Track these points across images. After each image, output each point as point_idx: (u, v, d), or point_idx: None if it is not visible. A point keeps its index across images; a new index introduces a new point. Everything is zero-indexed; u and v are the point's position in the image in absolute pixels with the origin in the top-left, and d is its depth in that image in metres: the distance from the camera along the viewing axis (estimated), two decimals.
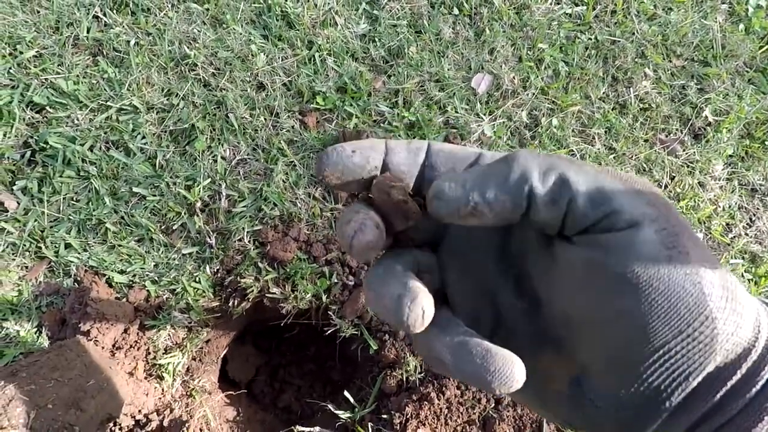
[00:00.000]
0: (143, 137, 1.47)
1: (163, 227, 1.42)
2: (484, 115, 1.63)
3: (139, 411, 1.18)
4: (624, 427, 0.26)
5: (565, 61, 1.74)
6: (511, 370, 0.25)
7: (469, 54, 1.69)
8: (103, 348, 1.20)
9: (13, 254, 1.34)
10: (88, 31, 1.55)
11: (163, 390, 1.29)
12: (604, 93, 1.72)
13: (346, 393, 1.36)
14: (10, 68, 1.47)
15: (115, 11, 1.59)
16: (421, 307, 0.26)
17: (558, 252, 0.28)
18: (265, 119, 1.53)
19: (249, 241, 1.41)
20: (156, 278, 1.37)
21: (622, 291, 0.24)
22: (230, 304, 1.38)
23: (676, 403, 0.24)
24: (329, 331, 1.37)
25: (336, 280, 1.38)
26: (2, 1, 1.53)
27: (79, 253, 1.36)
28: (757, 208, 1.66)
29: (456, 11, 1.75)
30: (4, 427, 0.89)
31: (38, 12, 1.55)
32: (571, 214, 0.26)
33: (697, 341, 0.23)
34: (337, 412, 1.33)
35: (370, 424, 1.30)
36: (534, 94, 1.67)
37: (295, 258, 1.38)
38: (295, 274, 1.37)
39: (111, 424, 1.10)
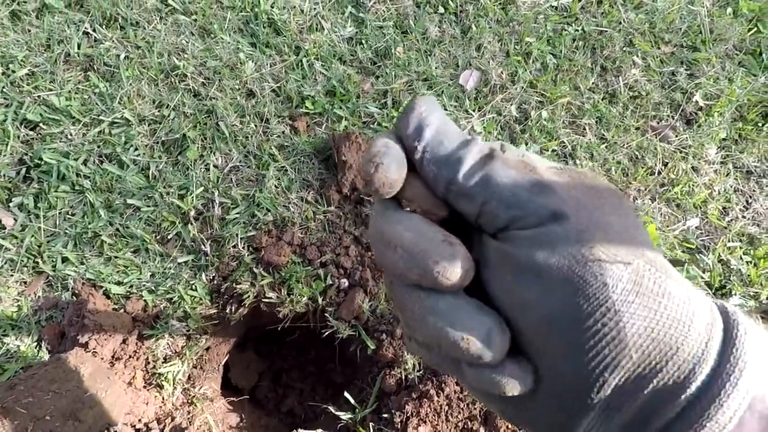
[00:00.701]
0: (136, 149, 1.48)
1: (158, 237, 1.43)
2: (474, 111, 1.63)
3: (139, 420, 1.18)
4: (555, 426, 0.25)
5: (552, 53, 1.74)
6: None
7: (456, 51, 1.70)
8: (102, 359, 1.21)
9: (11, 270, 1.36)
10: (78, 48, 1.57)
11: (163, 399, 1.30)
12: (593, 83, 1.72)
13: (346, 394, 1.36)
14: (3, 87, 1.49)
15: (104, 26, 1.61)
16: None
17: (482, 239, 0.28)
18: (255, 126, 1.55)
19: (243, 247, 1.41)
20: (153, 288, 1.38)
21: (527, 281, 0.25)
22: (227, 310, 1.39)
23: (602, 399, 0.23)
24: (327, 333, 1.37)
25: (331, 282, 1.38)
26: None
27: (76, 267, 1.37)
28: (753, 190, 1.65)
29: (441, 9, 1.76)
30: None
31: (29, 31, 1.57)
32: (484, 213, 0.26)
33: (602, 334, 0.23)
34: (338, 413, 1.33)
35: (371, 424, 1.30)
36: (523, 87, 1.67)
37: (289, 262, 1.39)
38: (290, 278, 1.38)
39: None
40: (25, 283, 1.36)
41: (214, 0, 1.67)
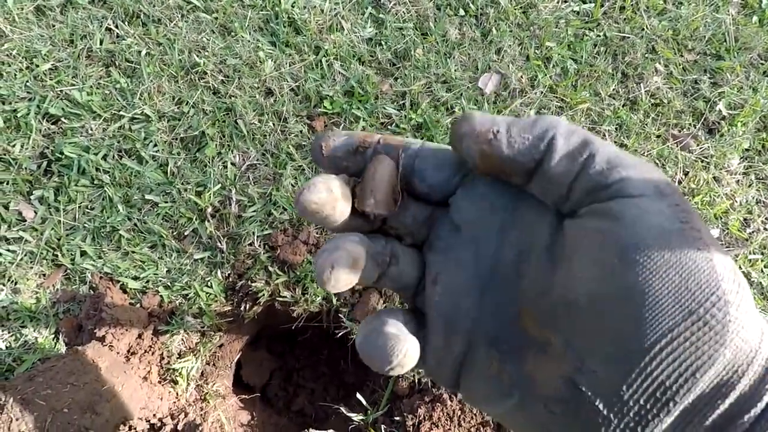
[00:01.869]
0: (155, 145, 1.49)
1: (175, 233, 1.43)
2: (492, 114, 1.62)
3: (154, 415, 1.19)
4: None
5: (573, 58, 1.73)
6: (397, 346, 0.27)
7: (476, 54, 1.69)
8: (118, 353, 1.22)
9: (31, 262, 1.38)
10: (101, 43, 1.59)
11: (177, 394, 1.31)
12: (614, 89, 1.70)
13: (358, 395, 1.36)
14: (27, 81, 1.51)
15: (127, 23, 1.62)
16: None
17: (566, 231, 0.27)
18: (273, 124, 1.55)
19: (259, 246, 1.42)
20: (169, 284, 1.39)
21: (633, 263, 0.23)
22: (242, 308, 1.39)
23: (683, 407, 0.22)
24: (340, 334, 1.37)
25: None
26: (20, 17, 1.58)
27: (94, 261, 1.39)
28: None
29: (462, 12, 1.75)
30: (22, 431, 0.90)
31: (53, 26, 1.59)
32: (585, 173, 0.26)
33: (708, 326, 0.21)
34: (350, 414, 1.33)
35: (383, 426, 1.29)
36: (542, 92, 1.66)
37: (305, 261, 1.39)
38: (305, 278, 1.38)
39: (126, 428, 1.11)
40: (44, 275, 1.38)
41: None
